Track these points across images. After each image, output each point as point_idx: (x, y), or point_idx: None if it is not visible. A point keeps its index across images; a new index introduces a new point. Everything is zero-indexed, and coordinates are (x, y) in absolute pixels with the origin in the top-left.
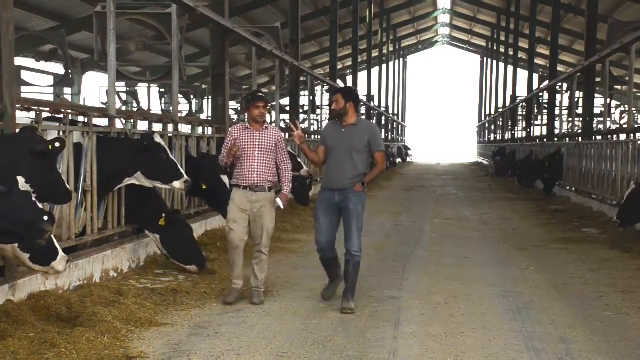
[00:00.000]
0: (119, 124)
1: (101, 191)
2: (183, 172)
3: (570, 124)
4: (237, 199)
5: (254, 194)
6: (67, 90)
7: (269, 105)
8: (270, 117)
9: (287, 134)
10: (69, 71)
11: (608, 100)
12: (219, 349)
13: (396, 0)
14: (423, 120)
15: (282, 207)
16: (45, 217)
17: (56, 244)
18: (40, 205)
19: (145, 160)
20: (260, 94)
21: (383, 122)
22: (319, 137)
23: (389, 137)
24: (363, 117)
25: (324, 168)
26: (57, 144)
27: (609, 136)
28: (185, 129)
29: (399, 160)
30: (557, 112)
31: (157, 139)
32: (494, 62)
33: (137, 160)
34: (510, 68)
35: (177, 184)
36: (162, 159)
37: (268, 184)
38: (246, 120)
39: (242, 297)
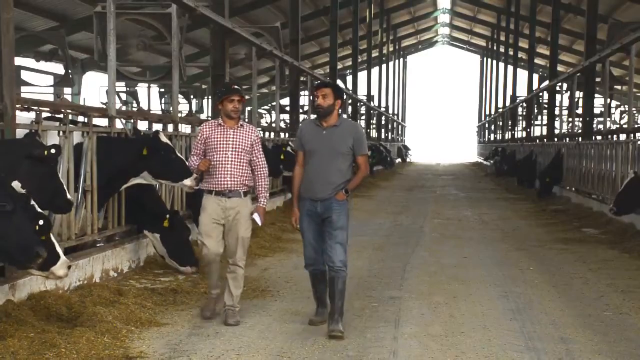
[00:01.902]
0: (119, 124)
1: (107, 191)
2: None
3: (570, 124)
4: (209, 207)
5: (228, 200)
6: (67, 90)
7: (245, 98)
8: (271, 116)
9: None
10: (69, 71)
11: (608, 100)
12: (219, 349)
13: (396, 0)
14: (423, 120)
15: (259, 222)
16: (41, 222)
17: (57, 248)
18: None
19: (153, 160)
20: (235, 86)
21: (383, 122)
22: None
23: (389, 137)
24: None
25: (304, 173)
26: (52, 150)
27: (609, 136)
28: (185, 129)
29: (398, 160)
30: (557, 112)
31: (164, 138)
32: (494, 62)
33: (144, 160)
34: (510, 68)
35: (187, 182)
36: (170, 158)
37: (243, 189)
38: (219, 116)
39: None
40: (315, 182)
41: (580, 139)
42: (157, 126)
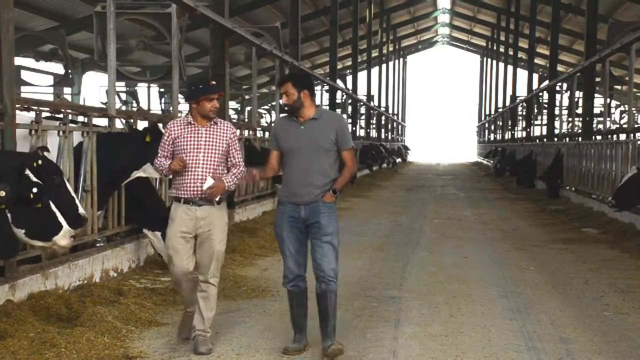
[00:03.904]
0: (119, 124)
1: (110, 189)
2: None
3: (570, 124)
4: (177, 219)
5: (198, 209)
6: (67, 90)
7: (223, 93)
8: (270, 116)
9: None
10: (69, 71)
11: (608, 100)
12: (219, 349)
13: (396, 0)
14: (423, 120)
15: (205, 186)
16: (35, 190)
17: (60, 218)
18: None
19: (153, 151)
20: (214, 82)
21: (383, 122)
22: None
23: (389, 137)
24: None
25: (283, 175)
26: (39, 162)
27: (609, 136)
28: None
29: (399, 160)
30: (557, 112)
31: (162, 129)
32: (494, 62)
33: (145, 152)
34: (510, 68)
35: None
36: None
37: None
38: (189, 114)
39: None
40: (298, 184)
41: (580, 139)
42: None
